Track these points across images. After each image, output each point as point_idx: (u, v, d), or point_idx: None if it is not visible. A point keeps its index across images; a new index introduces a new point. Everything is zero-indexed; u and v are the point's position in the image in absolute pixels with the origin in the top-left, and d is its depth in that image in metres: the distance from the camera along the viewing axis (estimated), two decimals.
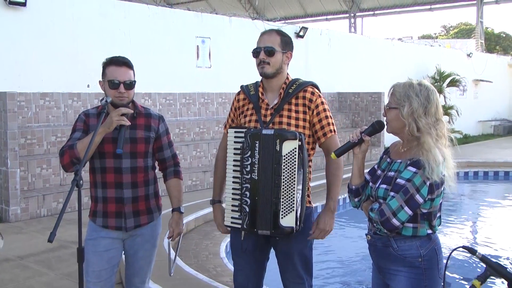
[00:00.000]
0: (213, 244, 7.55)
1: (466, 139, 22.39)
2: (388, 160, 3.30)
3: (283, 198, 3.40)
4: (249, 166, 3.47)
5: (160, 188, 4.06)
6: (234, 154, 3.56)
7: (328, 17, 36.09)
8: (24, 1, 10.31)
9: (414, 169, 3.01)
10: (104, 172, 3.75)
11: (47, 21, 10.94)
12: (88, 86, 11.31)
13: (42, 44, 10.84)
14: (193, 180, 11.41)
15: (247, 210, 3.47)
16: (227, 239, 7.69)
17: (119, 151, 3.51)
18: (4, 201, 8.69)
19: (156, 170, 4.03)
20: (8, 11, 10.31)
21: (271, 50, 3.67)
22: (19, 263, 6.55)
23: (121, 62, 3.73)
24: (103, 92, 3.79)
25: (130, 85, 3.72)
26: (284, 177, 3.40)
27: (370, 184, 3.30)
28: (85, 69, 11.18)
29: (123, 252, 3.91)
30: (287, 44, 3.74)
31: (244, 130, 3.54)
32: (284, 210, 3.39)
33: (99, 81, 3.80)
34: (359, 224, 9.61)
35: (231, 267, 6.50)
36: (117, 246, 3.82)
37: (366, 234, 3.34)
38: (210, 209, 8.79)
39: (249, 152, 3.47)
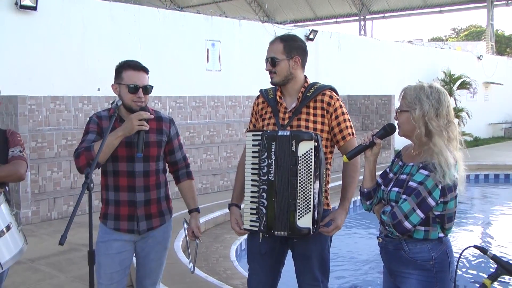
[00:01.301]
0: (224, 247, 7.55)
1: (476, 142, 22.32)
2: (400, 163, 3.29)
3: (299, 199, 3.39)
4: (265, 167, 3.47)
5: (170, 191, 4.06)
6: (252, 157, 3.57)
7: (338, 20, 36.07)
8: (34, 5, 10.39)
9: (426, 172, 3.01)
10: (117, 176, 3.75)
11: (57, 25, 11.01)
12: (98, 89, 11.36)
13: (52, 48, 10.90)
14: (203, 183, 11.41)
15: (264, 211, 3.47)
16: (237, 242, 7.69)
17: (140, 155, 3.53)
18: (15, 204, 8.72)
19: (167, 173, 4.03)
20: (19, 15, 10.38)
21: (274, 60, 3.70)
22: (30, 266, 6.57)
23: (139, 66, 3.74)
24: (114, 95, 3.79)
25: (148, 90, 3.74)
26: (300, 178, 3.39)
27: (382, 187, 3.29)
28: (95, 73, 11.24)
29: (134, 254, 3.92)
30: (292, 49, 3.72)
31: (261, 132, 3.55)
32: (301, 211, 3.38)
33: (112, 85, 3.79)
34: (370, 226, 9.59)
35: (241, 270, 6.50)
36: (129, 248, 3.83)
37: (378, 237, 3.33)
38: (220, 212, 8.89)
39: (266, 154, 3.47)
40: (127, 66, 3.73)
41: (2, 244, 3.24)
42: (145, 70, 3.76)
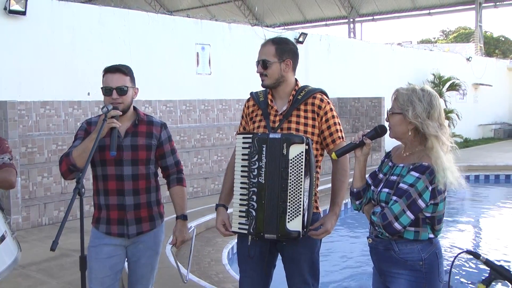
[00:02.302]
0: (215, 251, 7.55)
1: (466, 143, 22.38)
2: (390, 164, 3.32)
3: (289, 202, 3.39)
4: (256, 170, 3.47)
5: (163, 195, 4.06)
6: (242, 159, 3.57)
7: (328, 22, 36.18)
8: (24, 10, 10.34)
9: (417, 174, 3.03)
10: (106, 180, 3.76)
11: (47, 30, 10.97)
12: (88, 94, 11.33)
13: (42, 52, 10.86)
14: (194, 187, 11.40)
15: (254, 214, 3.46)
16: (229, 246, 7.69)
17: (113, 153, 3.50)
18: (5, 210, 8.66)
19: (160, 178, 4.03)
20: (8, 20, 10.34)
21: (265, 63, 3.70)
22: (21, 272, 6.54)
23: (114, 69, 3.75)
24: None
25: (122, 90, 3.71)
26: (290, 181, 3.39)
27: (372, 187, 3.32)
28: (85, 77, 11.21)
29: (126, 259, 3.92)
30: (284, 52, 3.73)
31: (251, 135, 3.55)
32: (291, 214, 3.39)
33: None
34: (360, 228, 9.60)
35: (233, 273, 6.50)
36: (120, 253, 3.83)
37: (368, 237, 3.35)
38: (211, 216, 8.86)
39: (256, 156, 3.47)
40: (105, 71, 3.78)
41: None
42: (121, 71, 3.75)
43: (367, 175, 3.41)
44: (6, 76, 10.30)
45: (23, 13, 10.38)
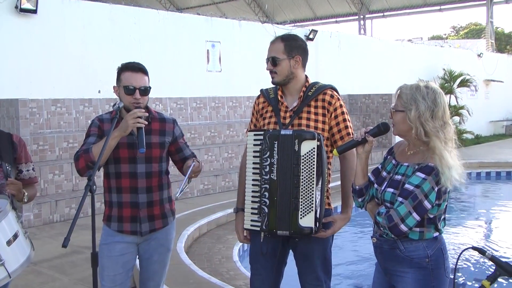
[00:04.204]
0: (226, 248, 7.55)
1: (477, 140, 22.28)
2: (394, 162, 3.27)
3: (302, 198, 3.39)
4: (268, 166, 3.47)
5: (173, 192, 4.07)
6: (254, 156, 3.56)
7: (338, 19, 36.06)
8: (35, 8, 10.40)
9: (423, 175, 2.99)
10: (119, 177, 3.77)
11: (57, 28, 11.02)
12: (99, 91, 11.38)
13: (53, 50, 10.91)
14: (205, 184, 11.41)
15: (266, 210, 3.46)
16: (239, 243, 7.68)
17: (142, 150, 3.50)
18: (17, 207, 8.70)
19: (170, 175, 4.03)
20: (19, 18, 10.39)
21: (274, 60, 3.70)
22: (33, 269, 6.57)
23: (136, 68, 3.75)
24: (115, 97, 3.80)
25: (145, 91, 3.74)
26: (302, 177, 3.39)
27: (375, 186, 3.27)
28: (96, 75, 11.26)
29: (138, 256, 3.93)
30: (293, 48, 3.72)
31: (262, 132, 3.55)
32: (303, 210, 3.39)
33: (114, 87, 3.81)
34: (368, 224, 9.57)
35: (244, 270, 6.50)
36: (132, 250, 3.84)
37: (372, 237, 3.31)
38: (222, 213, 8.90)
39: (268, 153, 3.47)
40: (125, 68, 3.76)
41: (11, 253, 3.24)
42: (143, 71, 3.77)
43: (369, 172, 3.37)
44: (17, 74, 10.36)
45: (34, 11, 10.44)
